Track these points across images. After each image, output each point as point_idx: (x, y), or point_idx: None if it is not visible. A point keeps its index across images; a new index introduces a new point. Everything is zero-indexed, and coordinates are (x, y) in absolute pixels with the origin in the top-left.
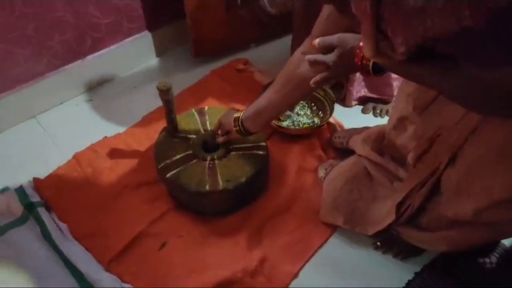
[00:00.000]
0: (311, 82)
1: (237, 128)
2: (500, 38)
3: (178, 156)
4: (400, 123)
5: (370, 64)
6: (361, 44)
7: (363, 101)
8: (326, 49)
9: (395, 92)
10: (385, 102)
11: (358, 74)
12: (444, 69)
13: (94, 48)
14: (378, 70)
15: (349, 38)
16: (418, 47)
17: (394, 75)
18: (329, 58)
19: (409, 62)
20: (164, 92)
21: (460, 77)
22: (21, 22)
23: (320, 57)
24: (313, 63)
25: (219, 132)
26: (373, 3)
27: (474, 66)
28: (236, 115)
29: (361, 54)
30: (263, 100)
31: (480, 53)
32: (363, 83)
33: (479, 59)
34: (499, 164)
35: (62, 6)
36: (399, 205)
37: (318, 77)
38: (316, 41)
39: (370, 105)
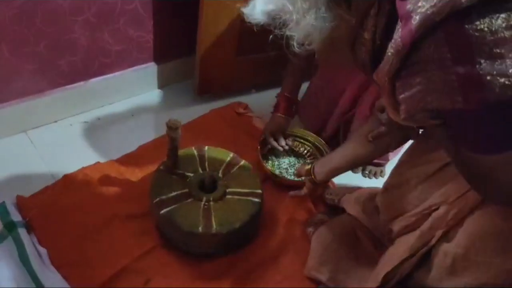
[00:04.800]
0: (369, 135)
1: (310, 177)
2: (492, 127)
3: (173, 193)
4: (393, 189)
5: None
6: None
7: None
8: (382, 109)
9: (390, 157)
10: (377, 164)
11: None
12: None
13: (100, 72)
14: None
15: None
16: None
17: None
18: (383, 115)
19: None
20: (173, 130)
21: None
22: (35, 38)
23: (378, 114)
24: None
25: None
26: (389, 80)
27: (467, 149)
28: (307, 167)
29: None
30: (335, 155)
31: (473, 138)
32: None
33: (471, 143)
34: (496, 249)
35: (79, 29)
36: (387, 274)
37: (375, 131)
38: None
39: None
